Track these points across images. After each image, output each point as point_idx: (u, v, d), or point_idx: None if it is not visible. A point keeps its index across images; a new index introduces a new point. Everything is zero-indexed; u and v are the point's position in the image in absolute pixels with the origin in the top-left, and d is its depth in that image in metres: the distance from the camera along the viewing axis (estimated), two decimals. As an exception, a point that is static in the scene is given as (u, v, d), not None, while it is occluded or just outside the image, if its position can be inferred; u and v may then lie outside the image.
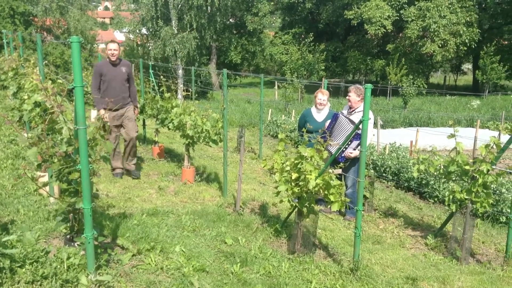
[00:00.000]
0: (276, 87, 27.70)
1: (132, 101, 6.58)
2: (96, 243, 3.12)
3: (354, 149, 5.62)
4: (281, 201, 4.41)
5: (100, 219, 4.18)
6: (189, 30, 26.67)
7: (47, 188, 3.64)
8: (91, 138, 3.20)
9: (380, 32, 30.58)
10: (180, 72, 26.83)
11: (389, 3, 31.18)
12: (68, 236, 3.44)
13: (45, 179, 3.92)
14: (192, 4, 25.81)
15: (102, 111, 5.91)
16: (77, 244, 3.29)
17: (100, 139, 3.27)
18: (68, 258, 3.12)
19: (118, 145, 6.50)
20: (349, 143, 5.56)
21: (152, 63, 11.84)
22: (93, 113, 11.29)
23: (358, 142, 5.37)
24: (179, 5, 26.12)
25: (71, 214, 3.32)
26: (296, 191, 4.19)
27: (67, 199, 3.23)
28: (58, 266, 3.04)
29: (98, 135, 3.26)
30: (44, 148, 3.16)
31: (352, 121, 5.64)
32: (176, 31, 26.84)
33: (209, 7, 27.09)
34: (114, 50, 6.19)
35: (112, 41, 6.28)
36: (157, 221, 4.56)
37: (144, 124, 9.24)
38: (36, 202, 4.52)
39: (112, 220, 4.24)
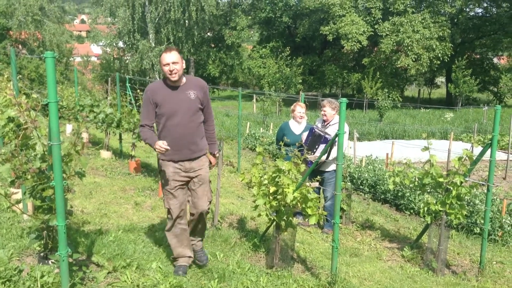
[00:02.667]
0: (254, 100, 27.82)
1: (210, 147, 4.03)
2: (70, 260, 3.06)
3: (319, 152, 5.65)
4: (259, 215, 4.41)
5: (75, 236, 4.10)
6: (166, 43, 26.64)
7: (21, 205, 3.56)
8: (65, 153, 3.15)
9: (356, 47, 31.12)
10: (158, 85, 26.69)
11: (364, 19, 31.81)
12: (42, 254, 3.36)
13: (19, 196, 3.84)
14: (170, 18, 25.84)
15: (159, 142, 3.54)
16: (51, 262, 3.22)
17: (74, 155, 3.22)
18: (42, 276, 3.05)
19: (184, 216, 3.85)
20: (316, 148, 5.62)
21: (129, 76, 11.77)
22: (68, 128, 11.15)
23: (324, 145, 5.45)
24: (156, 19, 26.11)
25: (45, 232, 3.26)
26: (274, 204, 4.19)
27: (40, 216, 3.17)
28: (32, 285, 2.97)
29: (73, 150, 3.22)
30: (17, 164, 3.10)
31: (327, 134, 5.69)
32: (153, 45, 26.78)
33: (186, 21, 27.15)
34: (174, 63, 3.60)
35: (169, 49, 3.66)
36: (133, 237, 4.50)
37: (120, 138, 9.15)
38: (9, 219, 4.41)
39: (87, 237, 4.17)
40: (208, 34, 38.91)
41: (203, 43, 36.16)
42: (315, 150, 5.63)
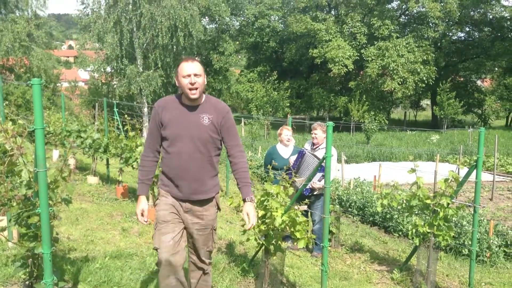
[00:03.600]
0: (242, 123, 27.93)
1: (241, 191, 3.16)
2: (56, 289, 3.00)
3: (319, 181, 5.69)
4: (248, 240, 4.38)
5: (61, 263, 4.03)
6: (154, 68, 26.78)
7: (6, 232, 3.51)
8: (52, 180, 3.13)
9: (342, 71, 31.59)
10: (145, 110, 26.73)
11: (349, 43, 32.39)
12: (27, 282, 3.30)
13: (4, 223, 3.78)
14: (158, 43, 26.03)
15: (142, 203, 3.09)
16: (36, 291, 3.16)
17: (61, 181, 3.20)
18: (26, 306, 2.99)
19: (179, 266, 3.02)
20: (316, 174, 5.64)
21: (117, 101, 11.77)
22: (55, 153, 11.06)
23: (322, 173, 5.46)
24: (144, 44, 26.29)
25: (31, 259, 3.20)
26: (263, 228, 4.18)
27: (26, 244, 3.12)
28: (15, 315, 2.90)
29: (59, 176, 3.20)
30: (2, 191, 3.07)
31: (317, 157, 5.73)
32: (141, 70, 26.89)
33: (174, 47, 27.35)
34: (196, 76, 2.96)
35: (191, 59, 3.05)
36: (120, 264, 4.44)
37: (107, 164, 9.09)
38: (-7, 248, 4.33)
39: (74, 264, 4.10)
40: (196, 59, 39.17)
41: (191, 68, 36.34)
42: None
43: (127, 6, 25.21)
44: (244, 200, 3.11)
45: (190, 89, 2.94)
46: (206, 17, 39.05)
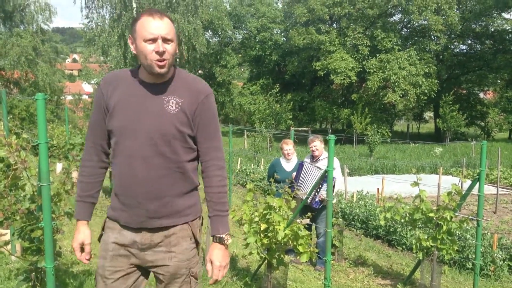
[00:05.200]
0: (245, 136, 27.96)
1: (211, 222, 2.15)
2: (58, 303, 3.00)
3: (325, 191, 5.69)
4: (250, 253, 4.37)
5: (64, 277, 4.03)
6: (158, 81, 26.99)
7: (9, 246, 3.51)
8: (55, 193, 3.15)
9: (345, 82, 31.71)
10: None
11: (352, 56, 32.54)
12: (29, 297, 3.29)
13: (7, 237, 3.79)
14: (161, 56, 26.26)
15: (81, 232, 2.20)
16: (38, 305, 3.16)
17: (64, 194, 3.22)
18: (28, 320, 2.99)
19: None
20: (320, 187, 5.63)
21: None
22: (59, 167, 11.08)
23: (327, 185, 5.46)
24: (148, 58, 26.52)
25: (33, 273, 3.20)
26: (265, 242, 4.17)
27: (29, 258, 3.13)
28: (17, 330, 2.90)
29: (62, 190, 3.21)
30: (6, 205, 3.09)
31: (319, 168, 5.73)
32: (145, 83, 27.08)
33: (178, 60, 27.55)
34: (166, 41, 1.95)
35: (158, 13, 1.96)
36: (123, 278, 4.42)
37: (110, 176, 9.09)
38: (-4, 261, 4.34)
39: (76, 278, 4.10)
40: (200, 72, 39.44)
41: (194, 80, 36.60)
42: (318, 191, 5.63)
43: (131, 19, 25.48)
44: (213, 239, 2.12)
45: (158, 61, 1.94)
46: (209, 31, 39.43)
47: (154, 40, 1.93)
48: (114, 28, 25.48)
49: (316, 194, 5.65)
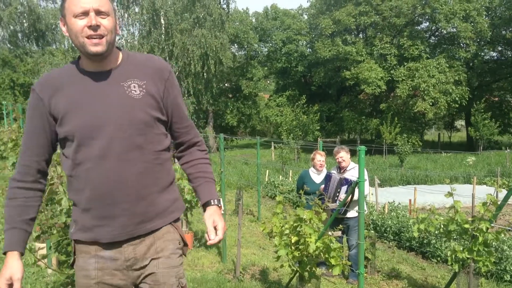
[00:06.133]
0: (272, 147, 27.95)
1: (200, 191, 1.96)
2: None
3: (345, 193, 5.62)
4: (281, 266, 4.35)
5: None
6: (186, 95, 27.34)
7: (46, 259, 3.60)
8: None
9: (376, 92, 31.45)
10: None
11: (380, 65, 32.28)
12: (65, 310, 3.36)
13: (44, 250, 3.88)
14: (189, 71, 26.62)
15: (12, 266, 1.71)
16: (75, 318, 3.21)
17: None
18: (65, 333, 3.04)
19: None
20: (339, 192, 5.58)
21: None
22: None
23: (346, 186, 5.41)
24: (177, 73, 26.93)
25: (70, 286, 3.27)
26: (297, 255, 4.14)
27: (65, 271, 3.20)
28: None
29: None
30: (43, 219, 3.17)
31: (346, 179, 5.67)
32: (173, 97, 27.48)
33: (205, 74, 27.91)
34: (99, 13, 1.68)
35: None
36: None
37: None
38: (34, 274, 4.44)
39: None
40: (226, 85, 39.83)
41: (221, 94, 36.95)
42: (338, 194, 5.59)
43: (159, 36, 26.01)
44: (206, 204, 1.94)
45: (90, 38, 1.67)
46: (235, 44, 39.81)
47: (85, 14, 1.66)
48: (143, 44, 26.02)
49: (336, 198, 5.60)
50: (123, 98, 1.74)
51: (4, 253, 1.76)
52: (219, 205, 1.93)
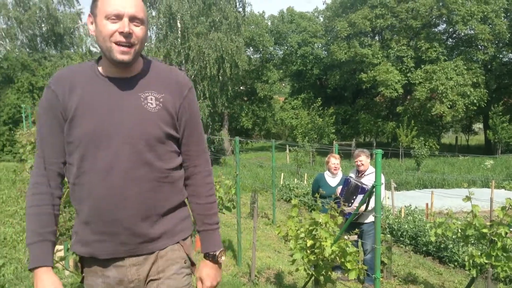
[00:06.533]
0: (287, 150, 27.92)
1: (202, 238, 1.87)
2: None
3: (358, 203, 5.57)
4: (297, 270, 4.34)
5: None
6: (202, 99, 27.48)
7: (63, 261, 3.64)
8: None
9: (394, 95, 31.24)
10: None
11: (397, 68, 32.04)
12: (82, 311, 3.39)
13: (61, 253, 3.93)
14: (205, 74, 26.77)
15: (46, 281, 1.65)
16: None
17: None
18: (82, 334, 3.07)
19: None
20: (354, 198, 5.54)
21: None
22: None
23: (362, 195, 5.36)
24: (193, 76, 27.09)
25: (86, 288, 3.30)
26: (312, 259, 4.13)
27: (82, 273, 3.23)
28: None
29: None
30: (61, 221, 3.21)
31: (364, 184, 5.63)
32: (189, 100, 27.67)
33: (220, 77, 28.03)
34: (134, 20, 1.59)
35: None
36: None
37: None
38: (51, 276, 4.49)
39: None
40: (241, 88, 39.95)
41: (236, 97, 37.06)
42: (352, 201, 5.56)
43: (176, 40, 26.21)
44: (205, 256, 1.85)
45: (120, 45, 1.57)
46: (251, 48, 39.91)
47: (119, 18, 1.55)
48: (160, 48, 26.26)
49: (350, 205, 5.56)
50: (138, 109, 1.64)
51: (32, 269, 1.64)
52: (214, 260, 1.82)
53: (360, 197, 5.54)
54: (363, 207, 5.43)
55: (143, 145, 1.62)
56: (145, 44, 1.70)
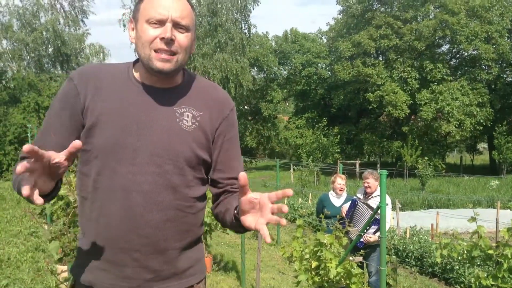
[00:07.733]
0: (292, 170, 27.88)
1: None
2: None
3: (374, 233, 5.54)
4: (301, 291, 4.30)
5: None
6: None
7: (67, 282, 3.63)
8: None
9: (401, 115, 31.31)
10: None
11: (402, 89, 32.17)
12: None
13: (66, 273, 3.92)
14: (210, 94, 27.06)
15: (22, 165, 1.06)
16: None
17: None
18: None
19: None
20: (368, 228, 5.50)
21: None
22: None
23: (377, 227, 5.31)
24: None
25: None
26: (317, 280, 4.09)
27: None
28: None
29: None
30: (66, 242, 3.22)
31: (370, 207, 5.61)
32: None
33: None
34: (178, 26, 1.38)
35: None
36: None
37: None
38: (54, 296, 4.47)
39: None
40: (246, 107, 40.17)
41: (240, 116, 37.28)
42: (365, 231, 5.51)
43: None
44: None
45: (160, 52, 1.38)
46: (255, 68, 40.25)
47: (161, 23, 1.37)
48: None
49: (362, 235, 5.52)
50: (171, 125, 1.42)
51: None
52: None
53: (373, 229, 5.50)
54: (375, 237, 5.39)
55: (171, 167, 1.40)
56: (191, 54, 1.50)
